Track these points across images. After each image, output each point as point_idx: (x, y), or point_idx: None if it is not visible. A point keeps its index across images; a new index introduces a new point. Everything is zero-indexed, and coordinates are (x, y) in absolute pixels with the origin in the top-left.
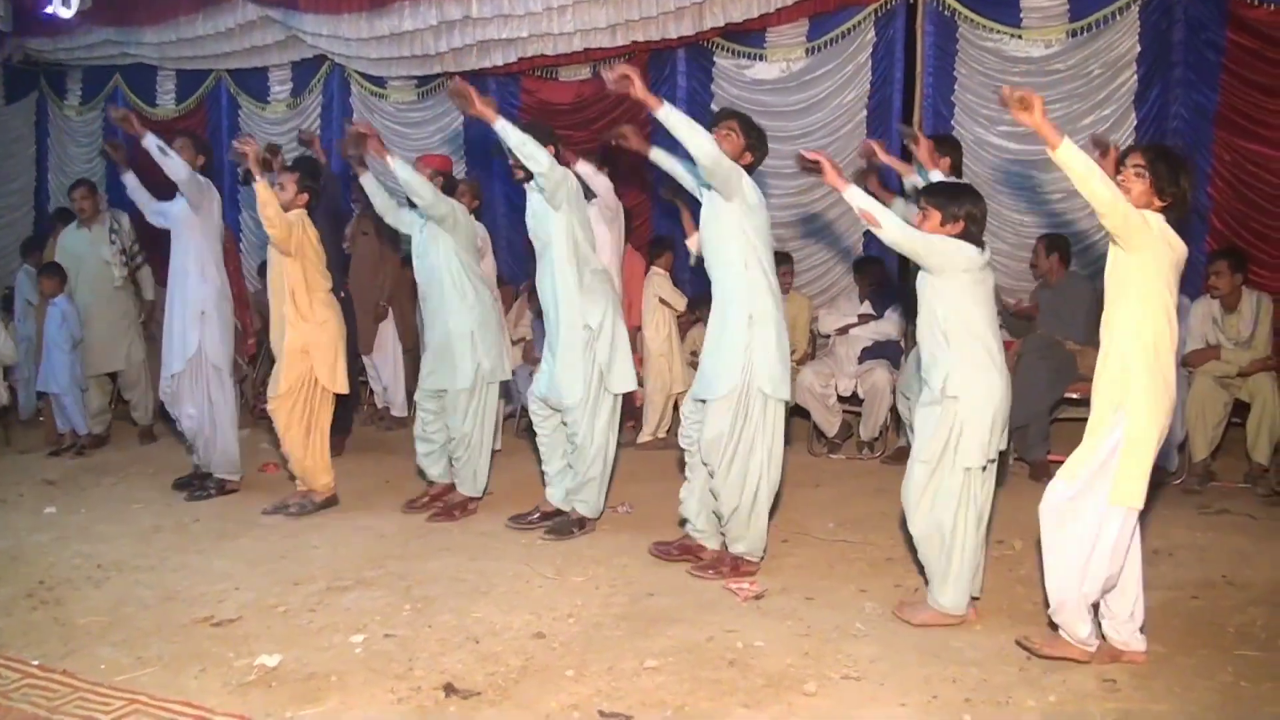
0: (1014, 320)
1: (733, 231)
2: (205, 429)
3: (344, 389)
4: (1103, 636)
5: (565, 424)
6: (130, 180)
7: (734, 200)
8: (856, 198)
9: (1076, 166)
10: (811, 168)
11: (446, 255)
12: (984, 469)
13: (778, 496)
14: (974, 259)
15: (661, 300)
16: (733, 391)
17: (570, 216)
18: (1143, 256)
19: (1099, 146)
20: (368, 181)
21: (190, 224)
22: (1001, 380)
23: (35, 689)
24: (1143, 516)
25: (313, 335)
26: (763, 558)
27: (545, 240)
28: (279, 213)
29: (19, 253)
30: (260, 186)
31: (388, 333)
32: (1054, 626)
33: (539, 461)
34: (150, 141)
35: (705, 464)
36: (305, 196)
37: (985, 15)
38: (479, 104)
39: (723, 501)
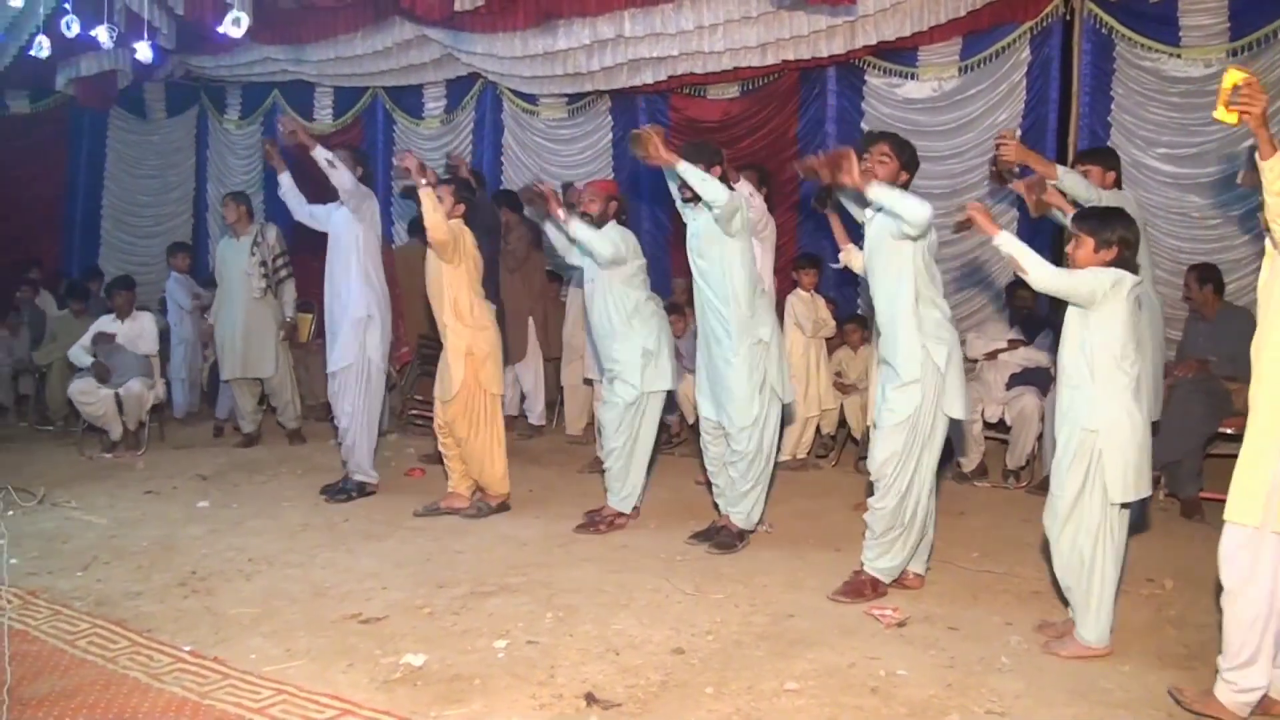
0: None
1: (906, 268)
2: (356, 429)
3: (501, 390)
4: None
5: (730, 441)
6: (285, 180)
7: (917, 237)
8: (1006, 243)
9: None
10: (964, 226)
11: (611, 282)
12: (1124, 506)
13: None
14: (1126, 285)
15: (797, 323)
16: (911, 415)
17: (745, 240)
18: None
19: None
20: (549, 228)
21: (352, 231)
22: (1142, 414)
23: (187, 674)
24: None
25: (474, 338)
26: (894, 580)
27: (713, 262)
28: (443, 219)
29: (166, 256)
30: (425, 194)
31: (532, 342)
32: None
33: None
34: (320, 153)
35: (873, 480)
36: (462, 207)
37: (1144, 34)
38: (663, 152)
39: (879, 519)
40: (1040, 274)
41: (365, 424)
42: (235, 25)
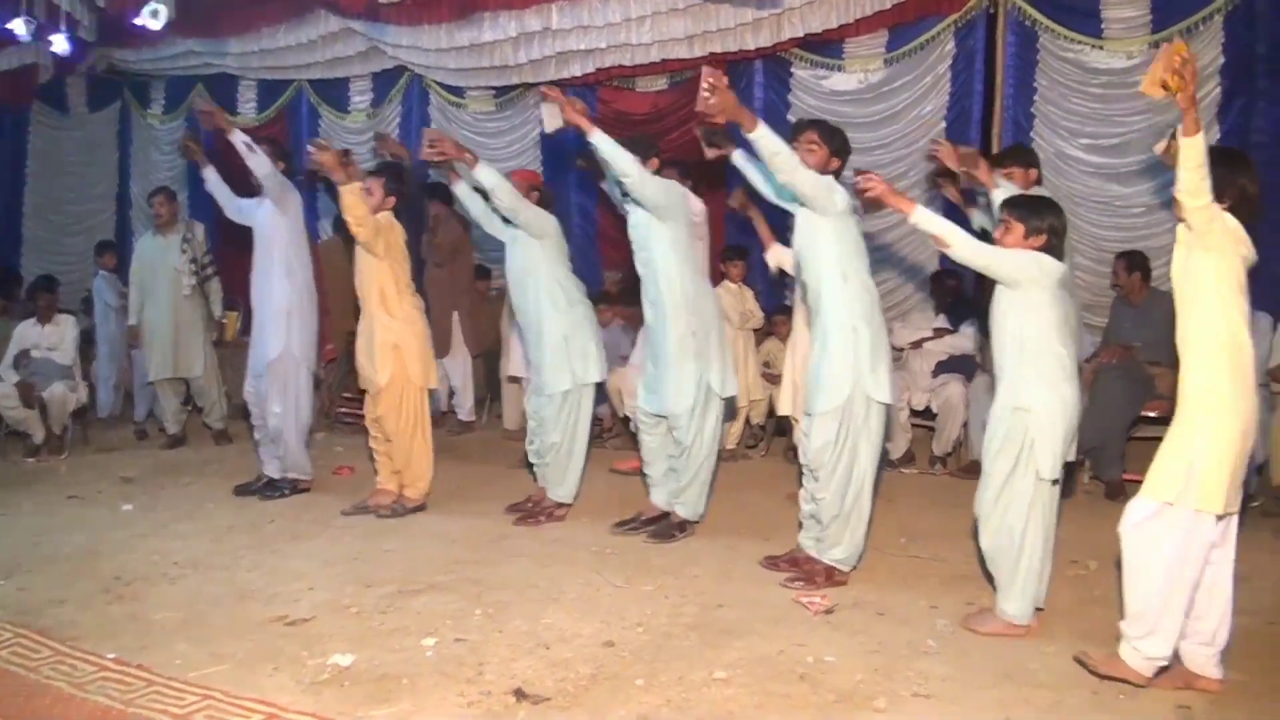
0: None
1: (829, 245)
2: (288, 428)
3: (435, 384)
4: (1178, 660)
5: (671, 430)
6: (210, 175)
7: (829, 215)
8: (923, 219)
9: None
10: (870, 202)
11: (533, 262)
12: (1054, 482)
13: None
14: (1054, 272)
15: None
16: (843, 402)
17: (677, 227)
18: (1217, 255)
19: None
20: (460, 189)
21: (275, 224)
22: (1073, 393)
23: (111, 682)
24: None
25: (403, 332)
26: (855, 568)
27: (650, 252)
28: (366, 214)
29: (94, 254)
30: (345, 189)
31: (457, 337)
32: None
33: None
34: (238, 137)
35: (810, 472)
36: (393, 200)
37: (1066, 26)
38: (572, 113)
39: (824, 508)
40: (963, 248)
41: (295, 420)
42: (153, 18)
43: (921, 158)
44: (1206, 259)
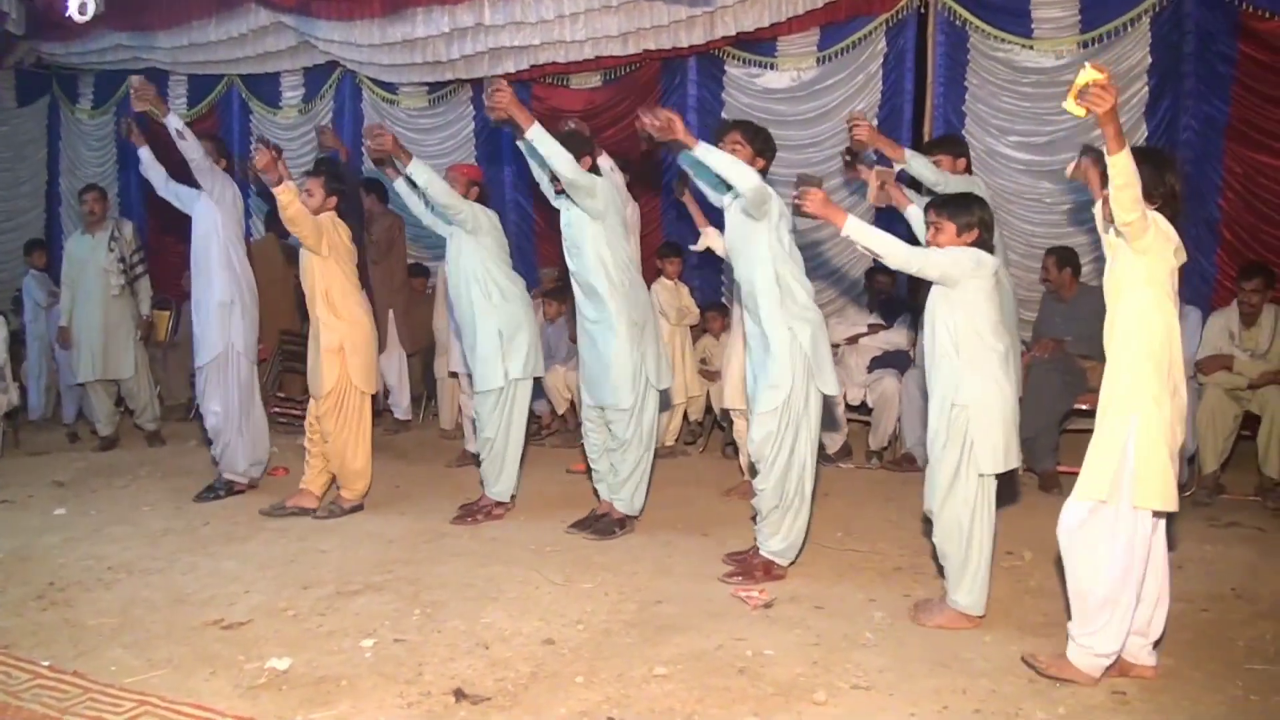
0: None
1: (764, 250)
2: (229, 426)
3: (375, 388)
4: None
5: (609, 424)
6: (145, 155)
7: (765, 220)
8: (855, 232)
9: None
10: (806, 213)
11: (470, 258)
12: (995, 476)
13: None
14: (990, 265)
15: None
16: (785, 398)
17: (613, 222)
18: (1150, 257)
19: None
20: (400, 186)
21: (211, 217)
22: (1011, 387)
23: (46, 690)
24: None
25: (348, 334)
26: (793, 562)
27: (585, 249)
28: (304, 215)
29: (24, 253)
30: (280, 190)
31: (392, 335)
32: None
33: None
34: (171, 121)
35: (754, 464)
36: (334, 199)
37: (996, 25)
38: (514, 106)
39: (764, 500)
40: (897, 256)
41: (237, 419)
42: (80, 11)
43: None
44: (1138, 262)
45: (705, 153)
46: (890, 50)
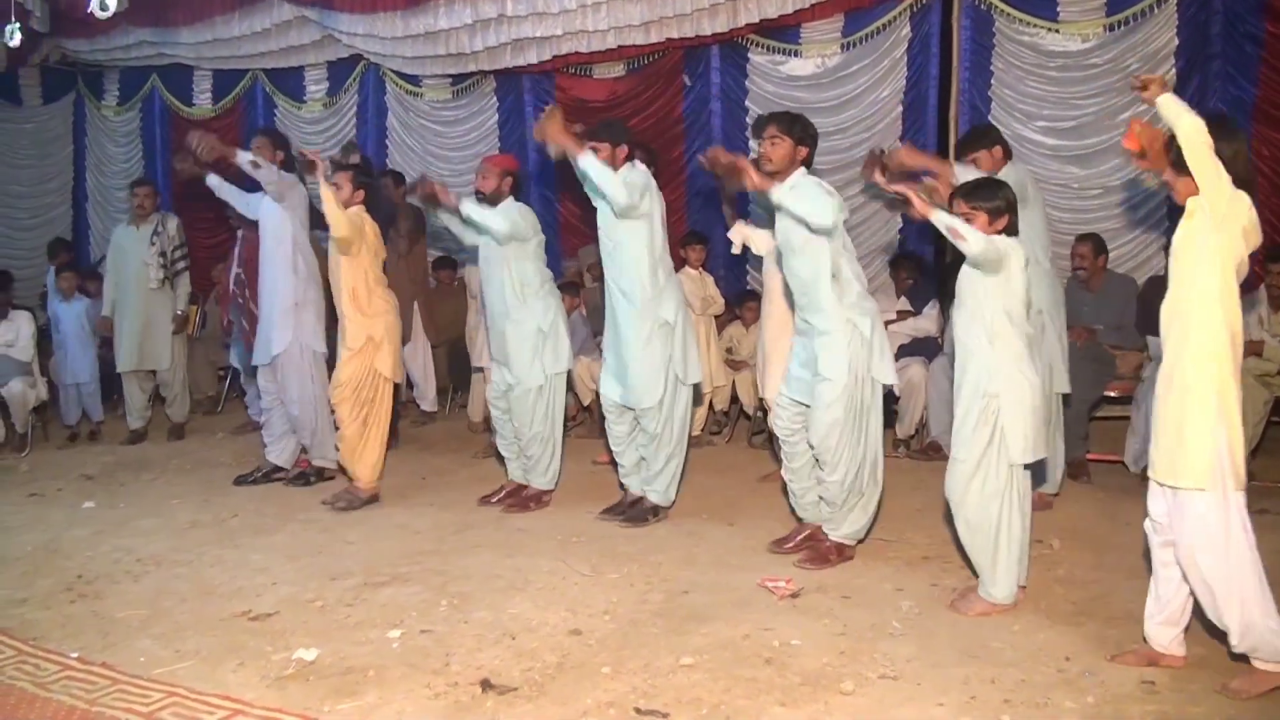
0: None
1: (820, 249)
2: (309, 414)
3: (401, 378)
4: (1143, 640)
5: (639, 420)
6: (214, 181)
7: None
8: (943, 220)
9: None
10: (900, 201)
11: (506, 257)
12: (1025, 466)
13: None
14: (1020, 251)
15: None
16: (846, 386)
17: (650, 221)
18: (1224, 237)
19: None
20: (443, 216)
21: (276, 219)
22: (1038, 376)
23: (75, 681)
24: None
25: (374, 328)
26: (863, 541)
27: (617, 243)
28: (343, 214)
29: (47, 253)
30: (325, 189)
31: (417, 327)
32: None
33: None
34: (243, 157)
35: (817, 456)
36: (361, 193)
37: (1022, 9)
38: (564, 139)
39: (833, 490)
40: (977, 242)
41: (318, 407)
42: (102, 8)
43: (879, 142)
44: (1212, 240)
45: (782, 197)
46: (915, 35)
